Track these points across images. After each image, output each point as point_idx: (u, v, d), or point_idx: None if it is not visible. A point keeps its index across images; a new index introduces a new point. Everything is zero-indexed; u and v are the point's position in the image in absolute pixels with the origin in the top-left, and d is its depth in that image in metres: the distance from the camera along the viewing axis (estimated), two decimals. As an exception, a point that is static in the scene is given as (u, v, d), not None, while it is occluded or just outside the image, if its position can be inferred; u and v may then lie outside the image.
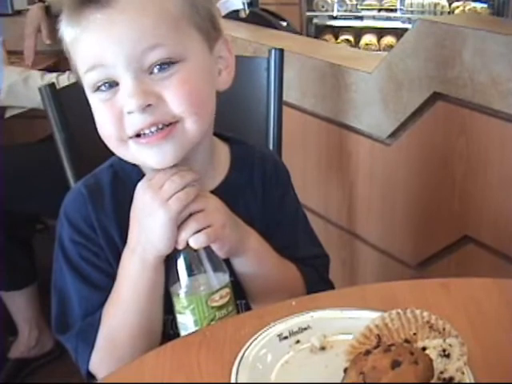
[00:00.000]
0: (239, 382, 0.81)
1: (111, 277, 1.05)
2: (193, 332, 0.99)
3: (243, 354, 0.86)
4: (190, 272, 1.00)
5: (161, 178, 0.99)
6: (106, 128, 0.99)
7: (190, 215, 0.99)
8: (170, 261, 1.01)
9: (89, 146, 1.44)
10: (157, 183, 0.98)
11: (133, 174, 1.08)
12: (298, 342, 0.91)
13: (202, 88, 1.00)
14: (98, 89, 0.97)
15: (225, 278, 1.01)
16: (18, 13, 2.98)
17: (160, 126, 0.96)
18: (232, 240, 1.03)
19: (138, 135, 0.97)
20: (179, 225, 0.98)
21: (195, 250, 0.99)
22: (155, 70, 0.96)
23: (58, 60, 2.95)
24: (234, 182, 1.12)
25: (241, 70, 1.10)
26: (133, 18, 0.94)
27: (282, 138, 1.64)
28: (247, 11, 2.57)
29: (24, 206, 2.16)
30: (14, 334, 2.40)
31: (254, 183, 1.16)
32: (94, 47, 0.96)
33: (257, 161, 1.19)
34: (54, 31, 2.78)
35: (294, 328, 0.93)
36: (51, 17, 2.80)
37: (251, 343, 0.89)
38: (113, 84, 0.96)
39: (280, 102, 1.61)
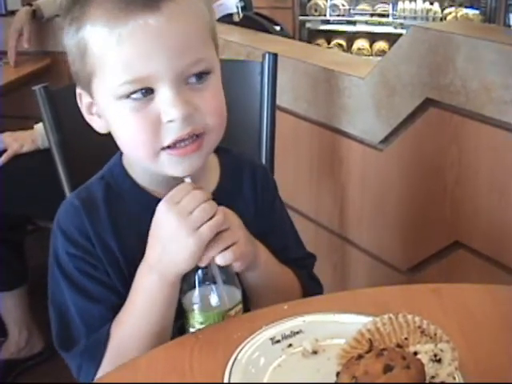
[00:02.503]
0: (232, 385, 0.82)
1: (111, 289, 1.04)
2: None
3: (236, 356, 0.87)
4: (207, 288, 1.00)
5: (191, 203, 0.97)
6: (141, 137, 0.97)
7: (216, 234, 0.98)
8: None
9: (82, 148, 1.45)
10: (185, 208, 0.96)
11: (125, 185, 1.08)
12: (290, 345, 0.92)
13: (224, 99, 1.02)
14: (128, 96, 0.95)
15: (238, 293, 1.02)
16: (12, 13, 2.98)
17: (192, 136, 0.97)
18: (250, 255, 1.04)
19: (170, 146, 0.97)
20: None
21: (206, 267, 0.99)
22: (192, 80, 0.96)
23: (50, 62, 2.96)
24: (226, 190, 1.12)
25: (235, 73, 1.11)
26: (179, 29, 0.94)
27: (275, 142, 1.64)
28: (241, 15, 2.58)
29: (21, 207, 2.16)
30: (4, 335, 2.40)
31: (244, 190, 1.17)
32: (139, 57, 0.93)
33: (246, 168, 1.19)
34: (35, 35, 2.84)
35: (286, 332, 0.93)
36: (37, 20, 2.84)
37: (244, 346, 0.89)
38: (147, 92, 0.95)
39: (273, 106, 1.62)
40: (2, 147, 2.12)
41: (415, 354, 0.81)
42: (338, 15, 5.04)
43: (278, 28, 2.72)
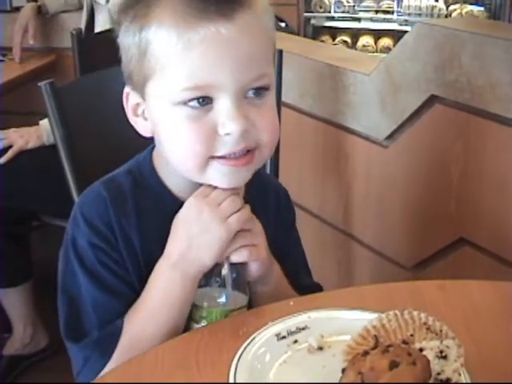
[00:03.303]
0: (238, 380, 0.82)
1: (129, 284, 1.02)
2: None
3: (242, 352, 0.87)
4: (217, 285, 1.00)
5: (220, 196, 0.98)
6: (194, 148, 0.95)
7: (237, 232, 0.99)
8: None
9: (87, 144, 1.45)
10: (215, 200, 0.98)
11: (153, 183, 1.06)
12: (295, 341, 0.92)
13: (277, 117, 1.02)
14: (186, 103, 0.93)
15: (245, 299, 1.03)
16: (17, 9, 2.99)
17: (245, 151, 0.96)
18: (267, 264, 1.04)
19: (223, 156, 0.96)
20: None
21: (231, 265, 1.00)
22: (251, 95, 0.95)
23: (55, 58, 2.97)
24: (250, 207, 1.07)
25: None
26: (249, 41, 0.93)
27: (280, 138, 1.64)
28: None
29: (25, 203, 2.16)
30: (9, 331, 2.40)
31: (268, 210, 1.15)
32: (206, 66, 0.91)
33: (271, 190, 1.19)
34: (40, 31, 2.86)
35: (291, 328, 0.93)
36: (43, 16, 2.85)
37: (250, 342, 0.89)
38: (206, 101, 0.93)
39: (278, 103, 1.62)
40: (7, 143, 2.13)
41: (421, 350, 0.81)
42: (343, 12, 5.03)
43: (282, 24, 2.73)
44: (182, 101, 0.93)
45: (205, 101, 0.93)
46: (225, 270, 1.00)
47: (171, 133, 0.97)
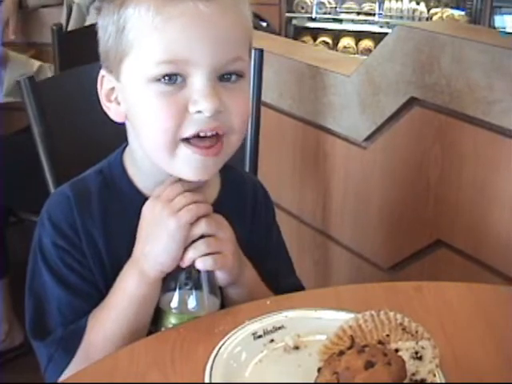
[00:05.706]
0: (213, 379, 0.82)
1: (93, 285, 1.02)
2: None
3: (218, 351, 0.87)
4: (186, 292, 0.99)
5: (171, 192, 0.98)
6: (165, 123, 0.94)
7: (202, 237, 0.98)
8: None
9: (66, 140, 1.44)
10: (167, 196, 0.98)
11: (123, 183, 1.05)
12: (272, 341, 0.92)
13: (250, 107, 1.03)
14: (160, 80, 0.93)
15: (217, 303, 1.02)
16: (-2, 3, 2.97)
17: (214, 133, 0.94)
18: (235, 271, 1.03)
19: (189, 139, 0.95)
20: (188, 244, 0.98)
21: (198, 271, 0.99)
22: (225, 79, 0.95)
23: (35, 53, 2.95)
24: (225, 205, 1.07)
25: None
26: (228, 22, 0.94)
27: (259, 137, 1.64)
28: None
29: (3, 199, 2.14)
30: (-17, 327, 2.38)
31: (244, 209, 1.15)
32: (184, 40, 0.91)
33: (248, 188, 1.18)
34: (21, 26, 2.83)
35: (268, 327, 0.93)
36: (23, 10, 2.83)
37: (226, 341, 0.89)
38: (179, 78, 0.93)
39: (258, 102, 1.62)
40: None
41: (396, 351, 0.81)
42: (325, 13, 5.04)
43: (264, 24, 2.73)
44: (157, 76, 0.92)
45: (178, 79, 0.93)
46: (195, 277, 0.99)
47: (143, 110, 0.96)
